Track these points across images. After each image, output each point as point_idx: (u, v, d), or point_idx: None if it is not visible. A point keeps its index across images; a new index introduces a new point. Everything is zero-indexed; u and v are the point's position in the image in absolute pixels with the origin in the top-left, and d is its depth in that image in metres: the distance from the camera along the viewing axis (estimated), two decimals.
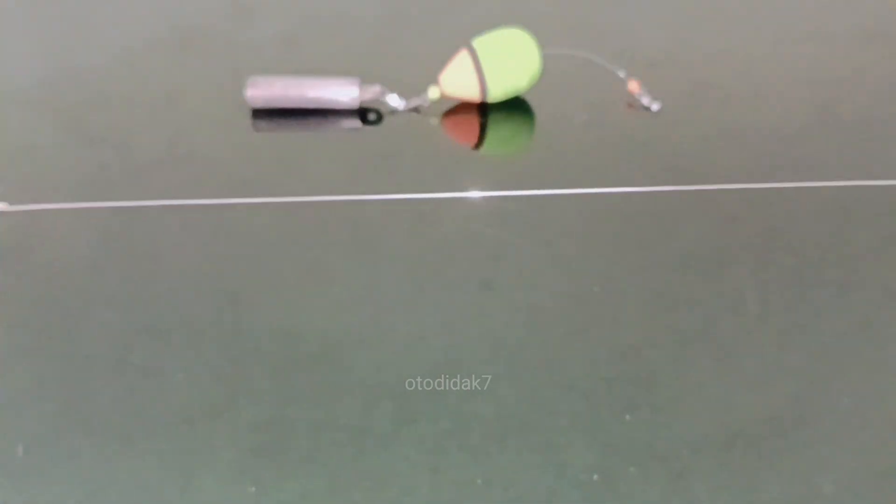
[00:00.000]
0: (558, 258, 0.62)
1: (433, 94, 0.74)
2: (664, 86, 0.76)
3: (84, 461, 0.49)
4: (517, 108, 0.76)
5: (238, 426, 0.51)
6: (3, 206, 0.58)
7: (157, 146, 0.73)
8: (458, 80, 0.73)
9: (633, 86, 0.75)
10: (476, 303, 0.59)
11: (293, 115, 0.74)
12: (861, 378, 0.54)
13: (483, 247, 0.63)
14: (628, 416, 0.52)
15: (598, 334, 0.57)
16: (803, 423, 0.52)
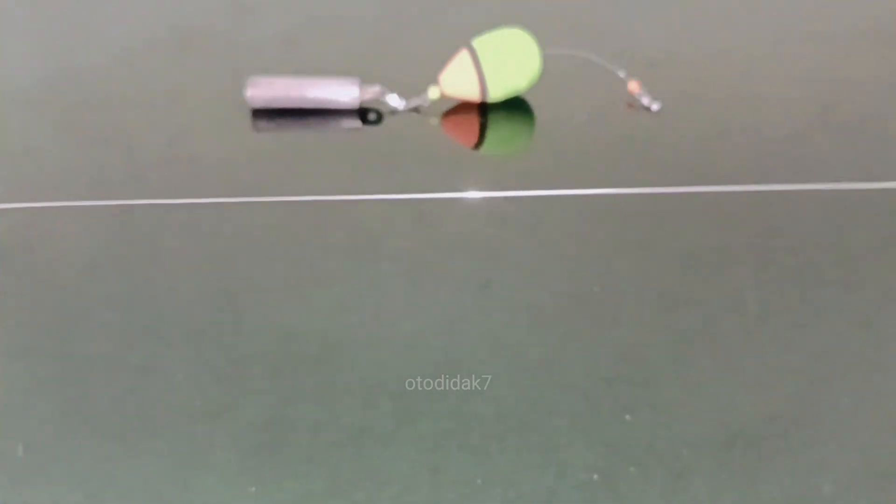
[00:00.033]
0: (558, 258, 0.62)
1: (433, 94, 0.74)
2: (664, 86, 0.76)
3: (84, 461, 0.49)
4: (517, 108, 0.76)
5: (238, 426, 0.51)
6: None
7: (157, 146, 0.73)
8: (458, 80, 0.73)
9: (633, 86, 0.75)
10: (476, 303, 0.59)
11: (293, 115, 0.74)
12: (861, 378, 0.54)
13: (483, 247, 0.63)
14: (628, 416, 0.52)
15: (598, 334, 0.57)
16: (803, 423, 0.52)
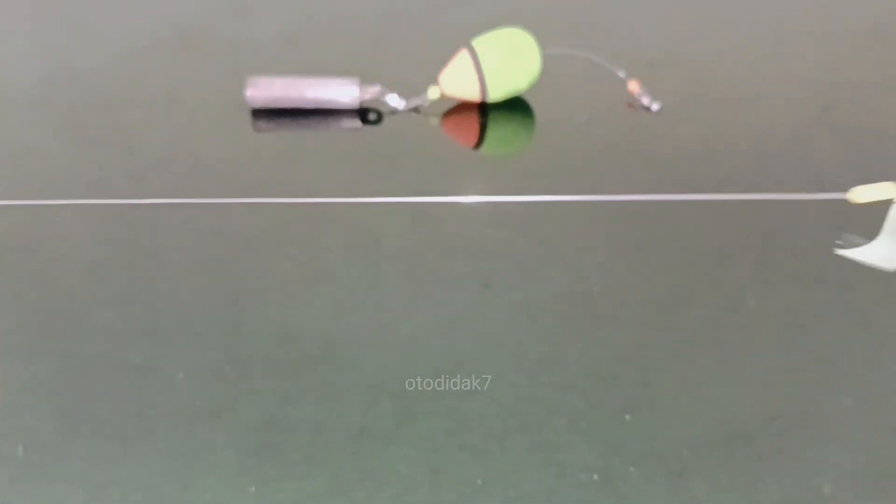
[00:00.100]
0: (558, 258, 0.62)
1: (433, 94, 0.74)
2: (664, 86, 0.76)
3: (84, 461, 0.49)
4: (517, 108, 0.76)
5: (238, 426, 0.51)
6: None
7: (157, 146, 0.73)
8: (458, 80, 0.73)
9: (633, 86, 0.75)
10: (476, 303, 0.59)
11: (293, 115, 0.74)
12: (861, 378, 0.54)
13: (483, 247, 0.63)
14: (628, 416, 0.52)
15: (598, 334, 0.57)
16: (803, 423, 0.52)
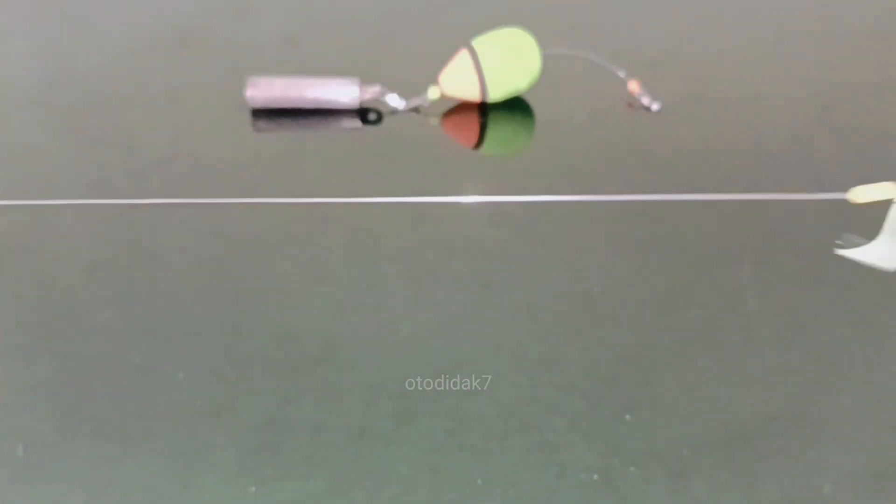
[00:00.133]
0: (558, 258, 0.62)
1: (433, 94, 0.74)
2: (664, 86, 0.76)
3: (84, 461, 0.49)
4: (517, 108, 0.76)
5: (238, 426, 0.51)
6: None
7: (157, 146, 0.73)
8: (458, 80, 0.73)
9: (633, 86, 0.75)
10: (476, 303, 0.59)
11: (293, 115, 0.74)
12: (861, 378, 0.54)
13: (483, 247, 0.63)
14: (628, 416, 0.52)
15: (598, 334, 0.57)
16: (803, 423, 0.52)
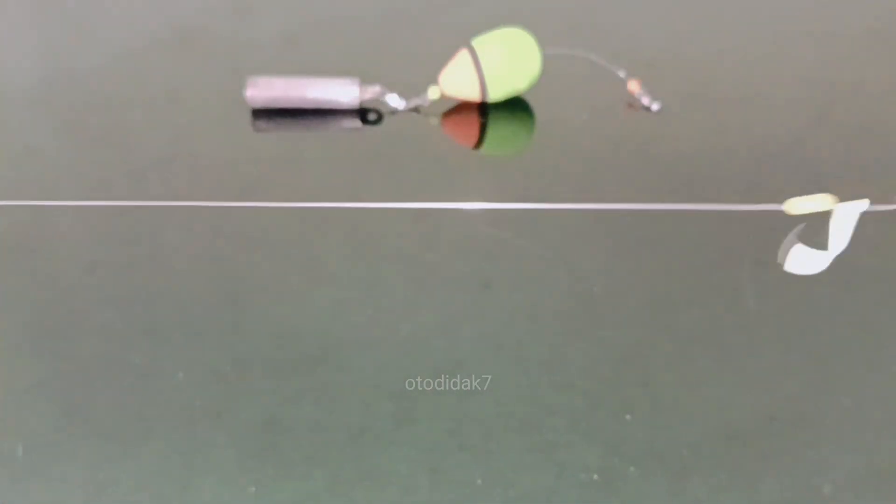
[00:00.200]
0: (558, 258, 0.62)
1: (433, 94, 0.74)
2: (664, 86, 0.76)
3: (84, 461, 0.49)
4: (517, 108, 0.76)
5: (238, 426, 0.51)
6: None
7: (157, 146, 0.73)
8: (458, 80, 0.73)
9: (633, 86, 0.75)
10: (476, 303, 0.59)
11: (293, 115, 0.74)
12: (861, 378, 0.54)
13: (483, 247, 0.63)
14: (628, 416, 0.52)
15: (598, 334, 0.57)
16: (803, 423, 0.52)
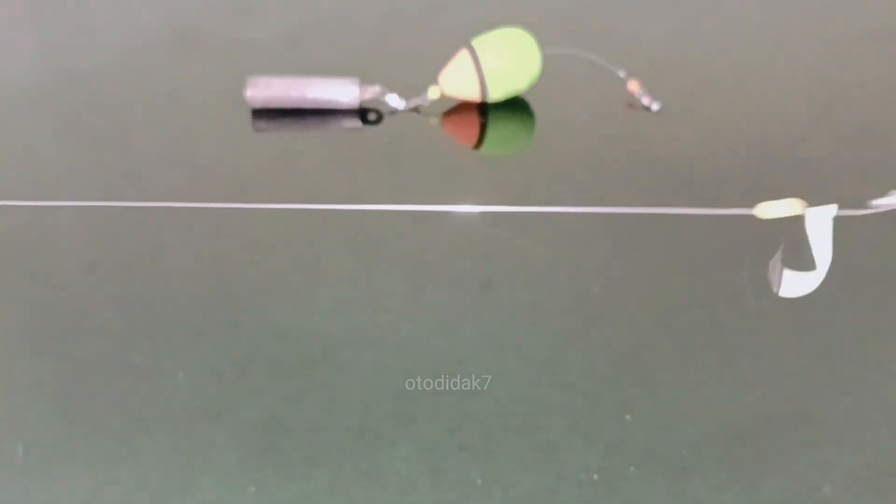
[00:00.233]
0: (558, 258, 0.62)
1: (433, 94, 0.74)
2: (664, 86, 0.76)
3: (84, 461, 0.49)
4: (517, 108, 0.76)
5: (238, 426, 0.51)
6: None
7: (157, 146, 0.73)
8: (457, 80, 0.73)
9: (633, 86, 0.75)
10: (476, 303, 0.59)
11: (293, 116, 0.74)
12: (861, 378, 0.54)
13: (483, 247, 0.63)
14: (628, 416, 0.52)
15: (598, 334, 0.57)
16: (803, 423, 0.52)
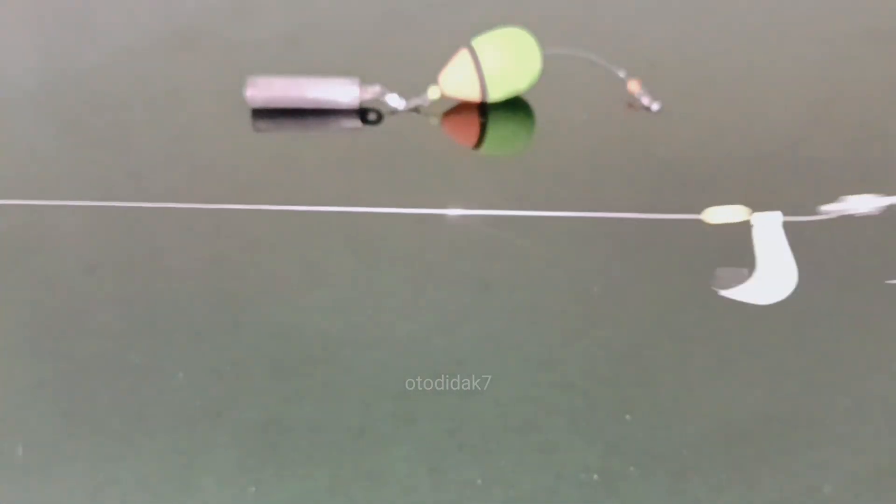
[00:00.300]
0: (558, 258, 0.62)
1: (433, 94, 0.74)
2: (664, 86, 0.76)
3: (84, 461, 0.49)
4: (517, 108, 0.76)
5: (238, 426, 0.51)
6: None
7: (157, 146, 0.73)
8: (458, 80, 0.73)
9: (633, 86, 0.75)
10: (476, 303, 0.59)
11: (293, 115, 0.74)
12: (861, 378, 0.54)
13: (483, 247, 0.63)
14: (628, 416, 0.52)
15: (598, 334, 0.57)
16: (803, 423, 0.52)
